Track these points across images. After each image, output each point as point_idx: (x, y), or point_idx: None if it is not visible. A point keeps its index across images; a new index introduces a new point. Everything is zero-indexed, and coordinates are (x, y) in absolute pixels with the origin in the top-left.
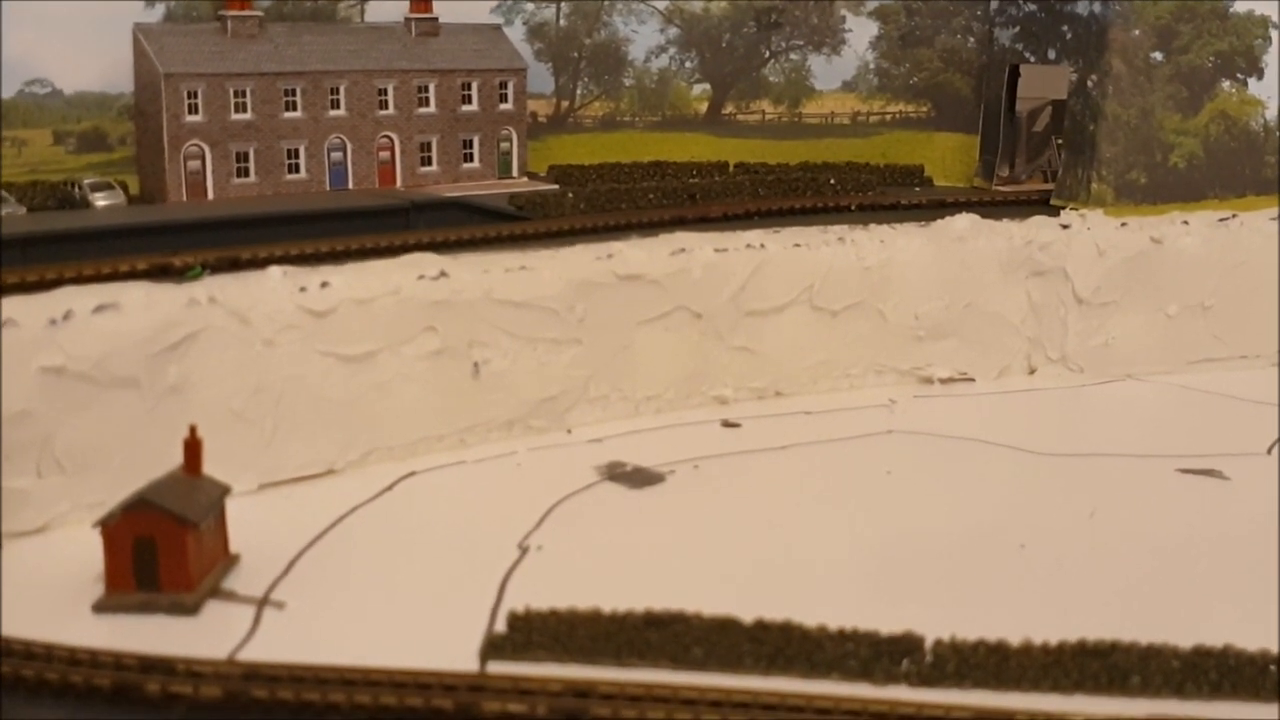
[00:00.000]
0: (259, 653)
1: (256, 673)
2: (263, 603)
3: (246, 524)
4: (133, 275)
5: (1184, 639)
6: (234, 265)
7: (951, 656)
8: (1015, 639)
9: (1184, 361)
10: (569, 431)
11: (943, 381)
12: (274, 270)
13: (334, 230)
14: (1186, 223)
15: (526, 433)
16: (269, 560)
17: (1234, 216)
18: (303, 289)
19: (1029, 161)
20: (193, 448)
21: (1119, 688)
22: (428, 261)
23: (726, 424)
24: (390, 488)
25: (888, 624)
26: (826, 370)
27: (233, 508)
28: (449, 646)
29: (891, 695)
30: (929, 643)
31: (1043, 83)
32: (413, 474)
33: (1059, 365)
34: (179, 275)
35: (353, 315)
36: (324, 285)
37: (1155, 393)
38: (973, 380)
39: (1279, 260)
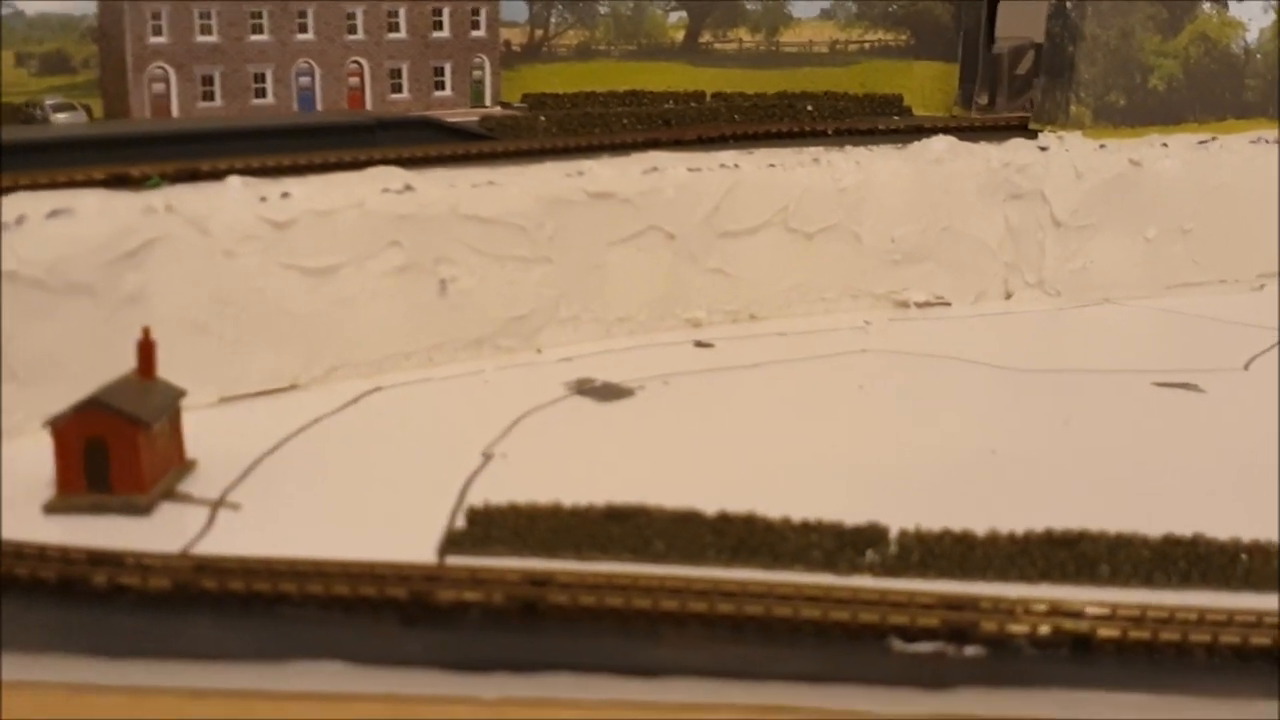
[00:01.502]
0: (212, 550)
1: (207, 566)
2: (218, 504)
3: (206, 435)
4: (89, 185)
5: (1154, 531)
6: (193, 177)
7: (916, 546)
8: (982, 531)
9: (1163, 286)
10: (539, 351)
11: (919, 306)
12: (233, 180)
13: (297, 147)
14: (1166, 145)
15: (495, 352)
16: (227, 467)
17: (1213, 139)
18: (263, 199)
19: (1010, 101)
20: (146, 350)
21: (1087, 577)
22: (392, 175)
23: (700, 344)
24: (354, 401)
25: (853, 519)
26: (801, 294)
27: (192, 420)
28: (407, 544)
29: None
30: (894, 533)
31: (1020, 20)
32: (378, 389)
33: (1036, 289)
34: (137, 185)
35: (314, 227)
36: (285, 196)
37: (1133, 315)
38: (949, 305)
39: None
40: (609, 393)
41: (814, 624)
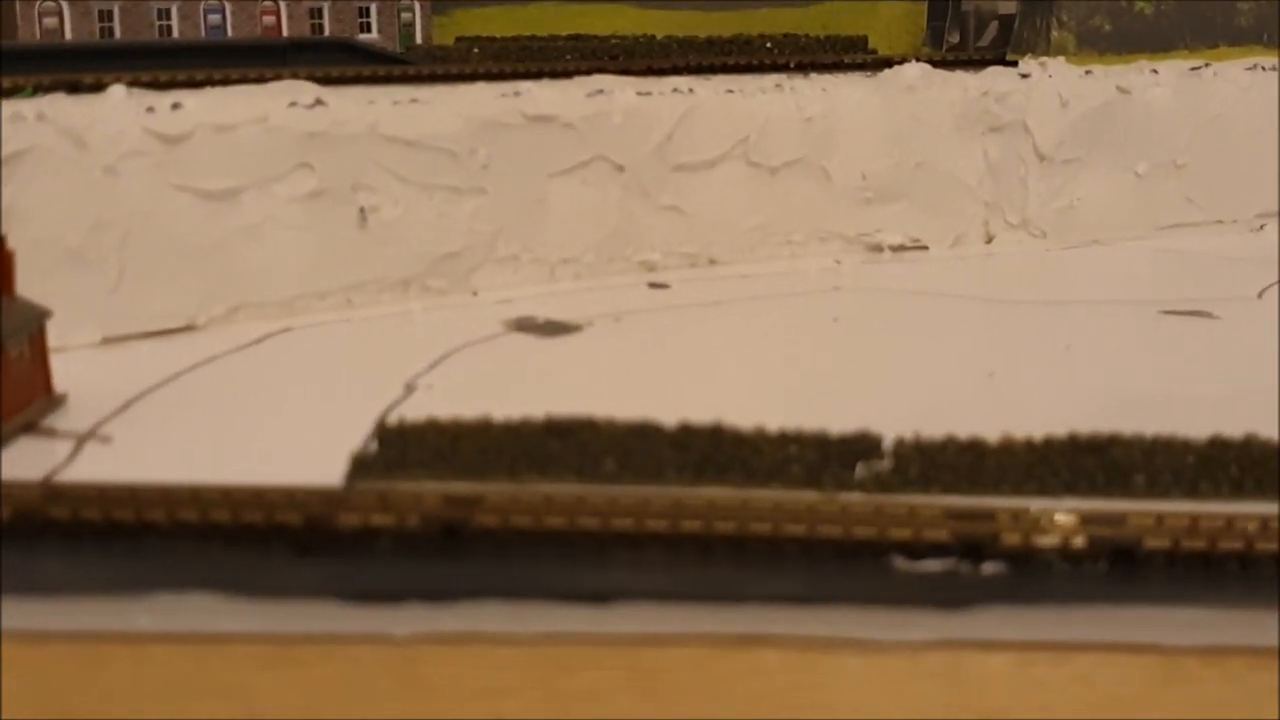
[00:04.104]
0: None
1: (58, 494)
2: (85, 437)
3: (82, 373)
4: None
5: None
6: (73, 89)
7: (915, 458)
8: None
9: (1155, 226)
10: (475, 294)
11: (893, 249)
12: (116, 89)
13: (199, 67)
14: (1155, 71)
15: (424, 293)
16: (104, 403)
17: (1206, 66)
18: (150, 109)
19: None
20: (3, 263)
21: (1120, 488)
22: (302, 89)
23: (655, 286)
24: (259, 341)
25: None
26: (765, 235)
27: (69, 361)
28: (307, 474)
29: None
30: (887, 444)
31: None
32: (288, 330)
33: (1020, 231)
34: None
35: (211, 144)
36: (175, 107)
37: (1128, 254)
38: (926, 248)
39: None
40: (553, 329)
41: (799, 542)
